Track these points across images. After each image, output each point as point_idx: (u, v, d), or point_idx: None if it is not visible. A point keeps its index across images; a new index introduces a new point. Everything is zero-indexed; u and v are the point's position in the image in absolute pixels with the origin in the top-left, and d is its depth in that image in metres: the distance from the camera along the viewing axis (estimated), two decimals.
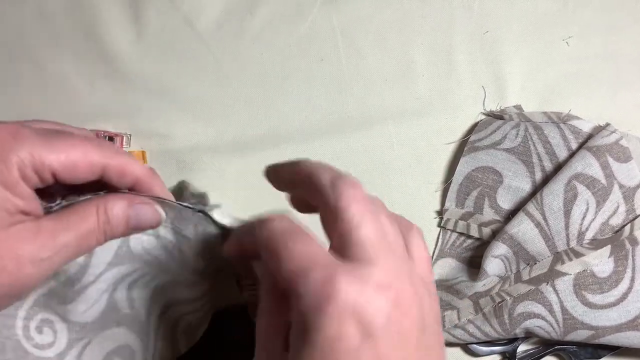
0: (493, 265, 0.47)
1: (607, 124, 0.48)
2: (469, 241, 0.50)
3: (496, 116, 0.51)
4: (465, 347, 0.49)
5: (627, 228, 0.46)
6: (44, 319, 0.33)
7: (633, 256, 0.46)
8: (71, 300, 0.33)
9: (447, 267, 0.51)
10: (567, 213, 0.46)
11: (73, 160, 0.29)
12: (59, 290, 0.33)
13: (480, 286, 0.48)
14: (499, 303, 0.47)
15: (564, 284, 0.46)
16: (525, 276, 0.47)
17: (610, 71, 0.52)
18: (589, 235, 0.47)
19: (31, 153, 0.28)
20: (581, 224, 0.46)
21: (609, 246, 0.46)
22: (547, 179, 0.48)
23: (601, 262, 0.46)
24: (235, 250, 0.32)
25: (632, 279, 0.46)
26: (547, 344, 0.49)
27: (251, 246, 0.29)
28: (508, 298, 0.47)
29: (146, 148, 0.52)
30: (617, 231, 0.47)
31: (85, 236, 0.30)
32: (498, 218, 0.50)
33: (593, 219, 0.46)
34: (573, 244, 0.47)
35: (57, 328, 0.34)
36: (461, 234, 0.50)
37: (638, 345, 0.46)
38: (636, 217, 0.47)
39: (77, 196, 0.31)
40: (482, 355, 0.49)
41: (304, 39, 0.53)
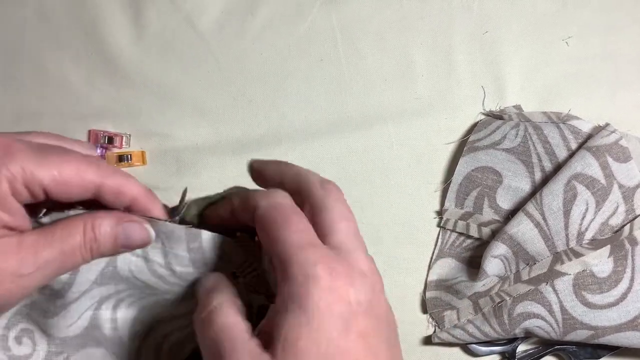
0: (492, 265, 0.47)
1: (607, 124, 0.48)
2: (469, 241, 0.50)
3: (496, 116, 0.51)
4: (464, 347, 0.49)
5: (627, 228, 0.46)
6: (25, 329, 0.33)
7: (632, 256, 0.46)
8: (53, 314, 0.32)
9: (447, 267, 0.50)
10: (567, 213, 0.46)
11: (65, 177, 0.28)
12: (42, 303, 0.33)
13: (479, 286, 0.48)
14: (499, 303, 0.47)
15: (564, 284, 0.46)
16: (524, 276, 0.47)
17: (609, 71, 0.52)
18: (589, 235, 0.47)
19: (23, 167, 0.27)
20: (581, 224, 0.46)
21: (609, 246, 0.46)
22: (547, 179, 0.48)
23: (601, 262, 0.46)
24: (226, 216, 0.32)
25: (632, 279, 0.46)
26: (547, 344, 0.49)
27: (243, 216, 0.30)
28: (507, 298, 0.47)
29: (146, 148, 0.52)
30: (617, 231, 0.47)
31: (69, 253, 0.29)
32: (497, 218, 0.50)
33: (592, 219, 0.46)
34: (572, 244, 0.47)
35: (37, 339, 0.33)
36: (461, 234, 0.50)
37: (637, 345, 0.46)
38: (636, 217, 0.47)
39: (65, 210, 0.30)
40: (482, 355, 0.49)
41: (304, 39, 0.53)
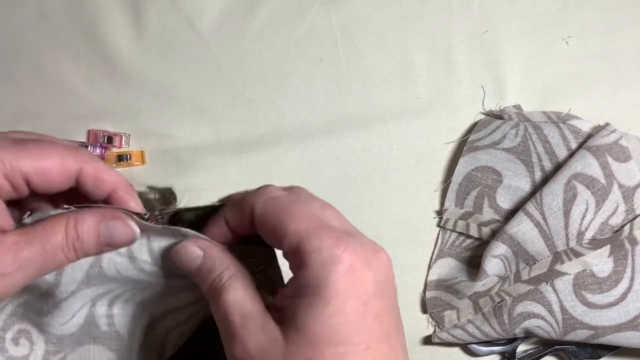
0: (492, 265, 0.47)
1: (607, 124, 0.48)
2: (469, 241, 0.50)
3: (495, 116, 0.51)
4: (464, 347, 0.49)
5: (627, 228, 0.46)
6: (21, 330, 0.33)
7: (632, 256, 0.46)
8: (47, 313, 0.32)
9: (447, 267, 0.50)
10: (567, 213, 0.46)
11: (46, 165, 0.28)
12: (35, 303, 0.33)
13: (479, 286, 0.48)
14: (499, 303, 0.47)
15: (564, 284, 0.46)
16: (524, 276, 0.47)
17: (609, 71, 0.52)
18: (589, 235, 0.47)
19: (1, 160, 0.27)
20: (581, 224, 0.46)
21: (609, 246, 0.46)
22: (547, 179, 0.48)
23: (601, 262, 0.46)
24: (218, 230, 0.31)
25: (632, 279, 0.46)
26: (547, 344, 0.49)
27: (242, 224, 0.29)
28: (507, 298, 0.47)
29: (146, 148, 0.52)
30: (617, 231, 0.47)
31: (51, 252, 0.28)
32: (497, 218, 0.49)
33: (592, 219, 0.46)
34: (572, 244, 0.47)
35: (34, 339, 0.33)
36: (461, 234, 0.50)
37: (637, 345, 0.46)
38: (636, 217, 0.46)
39: (49, 211, 0.30)
40: (482, 355, 0.49)
41: (304, 39, 0.53)
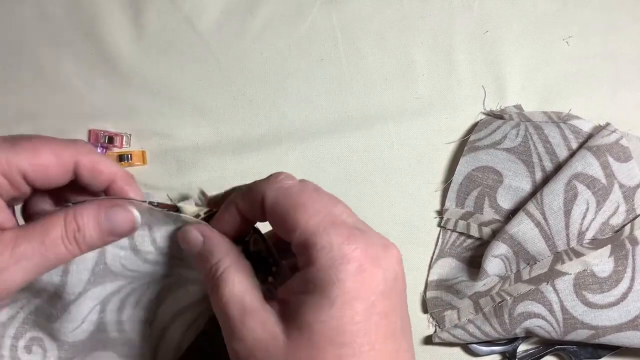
0: (493, 265, 0.47)
1: (607, 124, 0.48)
2: (469, 241, 0.50)
3: (496, 116, 0.51)
4: (465, 347, 0.49)
5: (627, 228, 0.46)
6: (34, 337, 0.33)
7: (633, 256, 0.46)
8: (57, 318, 0.32)
9: (447, 267, 0.50)
10: (567, 213, 0.46)
11: (43, 159, 0.28)
12: (45, 308, 0.32)
13: (480, 286, 0.48)
14: (499, 303, 0.47)
15: (564, 284, 0.46)
16: (525, 276, 0.47)
17: (610, 71, 0.52)
18: (589, 235, 0.47)
19: None
20: (581, 224, 0.46)
21: (609, 246, 0.46)
22: (547, 179, 0.48)
23: (601, 262, 0.46)
24: (230, 218, 0.31)
25: (632, 279, 0.46)
26: (547, 344, 0.49)
27: (252, 213, 0.29)
28: (508, 298, 0.47)
29: (146, 148, 0.52)
30: (617, 231, 0.47)
31: (50, 244, 0.28)
32: (498, 218, 0.49)
33: (593, 219, 0.46)
34: (573, 244, 0.47)
35: (47, 346, 0.33)
36: (461, 234, 0.50)
37: (638, 345, 0.46)
38: (636, 217, 0.47)
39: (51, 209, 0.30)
40: (482, 355, 0.49)
41: (304, 39, 0.53)
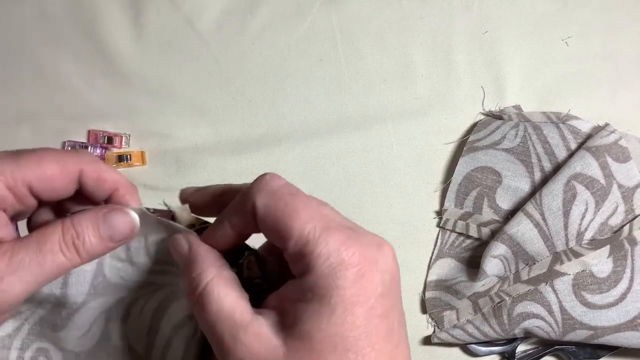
0: (492, 265, 0.47)
1: (606, 124, 0.48)
2: (468, 241, 0.50)
3: (495, 116, 0.51)
4: (464, 348, 0.49)
5: (626, 228, 0.46)
6: (40, 348, 0.33)
7: (632, 256, 0.46)
8: (62, 327, 0.32)
9: (446, 267, 0.50)
10: (566, 213, 0.46)
11: (47, 171, 0.28)
12: (49, 317, 0.32)
13: (479, 286, 0.48)
14: (498, 303, 0.47)
15: (563, 284, 0.46)
16: (524, 276, 0.47)
17: (609, 71, 0.52)
18: (588, 235, 0.47)
19: (2, 172, 0.27)
20: (580, 224, 0.46)
21: (608, 246, 0.46)
22: (546, 179, 0.48)
23: (600, 262, 0.46)
24: (223, 234, 0.29)
25: (631, 279, 0.46)
26: (546, 344, 0.49)
27: (247, 226, 0.28)
28: (507, 298, 0.47)
29: (146, 148, 0.52)
30: (616, 231, 0.47)
31: (48, 252, 0.27)
32: (497, 218, 0.49)
33: (592, 219, 0.46)
34: (572, 244, 0.47)
35: (53, 356, 0.33)
36: (460, 234, 0.50)
37: (637, 345, 0.46)
38: (635, 217, 0.47)
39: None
40: (481, 355, 0.49)
41: (304, 39, 0.53)
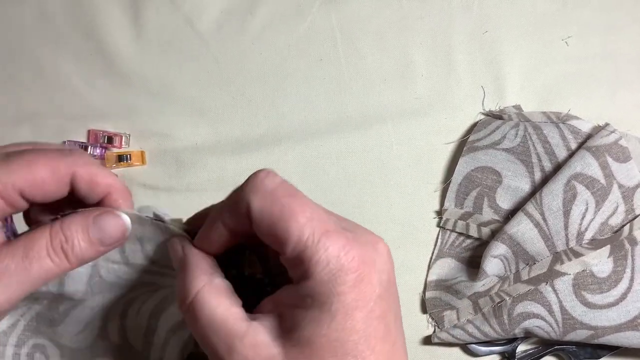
0: (492, 265, 0.47)
1: (607, 124, 0.48)
2: (468, 241, 0.50)
3: (495, 116, 0.51)
4: (464, 347, 0.49)
5: (627, 228, 0.46)
6: (36, 344, 0.33)
7: (632, 256, 0.46)
8: (59, 322, 0.32)
9: (446, 267, 0.50)
10: (567, 213, 0.46)
11: (37, 175, 0.27)
12: (46, 312, 0.32)
13: (479, 286, 0.48)
14: (498, 303, 0.47)
15: (563, 284, 0.46)
16: (524, 276, 0.47)
17: (609, 71, 0.52)
18: (588, 235, 0.47)
19: None
20: (580, 224, 0.46)
21: (608, 246, 0.46)
22: (547, 179, 0.48)
23: (600, 262, 0.46)
24: (217, 237, 0.29)
25: (632, 279, 0.45)
26: (547, 344, 0.49)
27: (242, 227, 0.28)
28: (507, 298, 0.47)
29: (146, 148, 0.52)
30: (617, 231, 0.47)
31: (35, 259, 0.27)
32: (497, 218, 0.49)
33: (592, 219, 0.46)
34: (572, 244, 0.47)
35: (49, 353, 0.33)
36: (460, 234, 0.50)
37: (637, 345, 0.46)
38: (635, 217, 0.46)
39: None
40: (482, 355, 0.49)
41: (304, 39, 0.53)
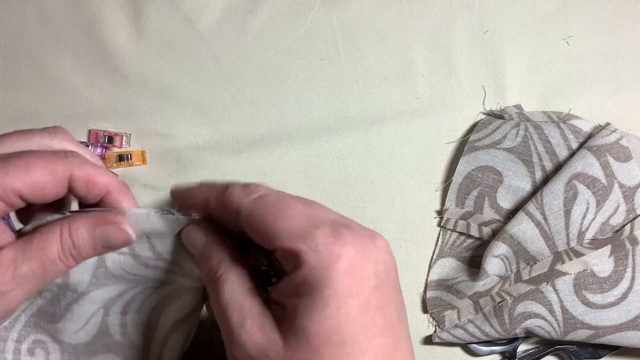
0: (493, 264, 0.47)
1: (607, 124, 0.48)
2: (469, 241, 0.50)
3: (496, 116, 0.51)
4: (465, 347, 0.49)
5: (627, 228, 0.46)
6: (37, 340, 0.33)
7: (633, 256, 0.46)
8: (60, 317, 0.32)
9: (447, 267, 0.50)
10: (567, 213, 0.46)
11: (36, 179, 0.28)
12: (47, 307, 0.32)
13: (480, 286, 0.48)
14: (499, 303, 0.47)
15: (564, 284, 0.46)
16: (525, 276, 0.47)
17: (610, 70, 0.52)
18: (589, 234, 0.47)
19: None
20: (581, 224, 0.46)
21: (609, 246, 0.46)
22: (547, 179, 0.48)
23: (601, 262, 0.46)
24: (195, 205, 0.30)
25: (632, 279, 0.46)
26: (547, 344, 0.49)
27: (224, 215, 0.28)
28: (508, 298, 0.47)
29: (146, 147, 0.52)
30: (617, 231, 0.47)
31: (49, 264, 0.28)
32: (498, 217, 0.49)
33: (593, 219, 0.46)
34: (573, 244, 0.47)
35: (50, 349, 0.33)
36: (461, 234, 0.50)
37: (638, 345, 0.46)
38: (636, 217, 0.46)
39: (46, 216, 0.30)
40: (482, 355, 0.49)
41: (304, 39, 0.53)
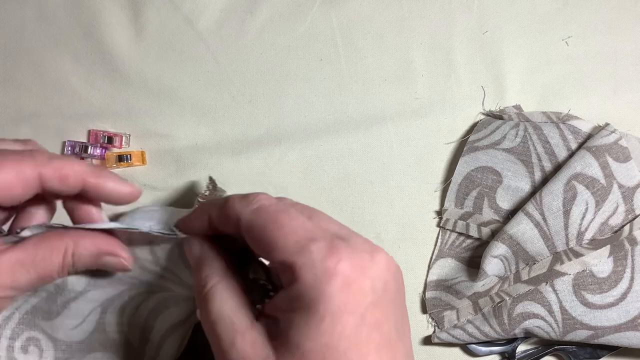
0: (492, 265, 0.47)
1: (607, 124, 0.48)
2: (468, 241, 0.50)
3: (495, 116, 0.51)
4: (464, 348, 0.49)
5: (627, 228, 0.46)
6: (30, 337, 0.33)
7: (632, 256, 0.46)
8: (57, 314, 0.32)
9: (447, 267, 0.50)
10: (567, 213, 0.46)
11: (2, 179, 0.27)
12: (43, 305, 0.33)
13: (479, 286, 0.48)
14: (498, 303, 0.47)
15: (563, 284, 0.46)
16: (524, 276, 0.47)
17: (609, 71, 0.52)
18: (588, 235, 0.47)
19: None
20: (580, 224, 0.46)
21: (608, 246, 0.46)
22: (547, 179, 0.48)
23: (600, 262, 0.46)
24: (199, 225, 0.30)
25: (632, 279, 0.46)
26: (547, 344, 0.49)
27: (225, 228, 0.29)
28: (507, 298, 0.47)
29: (146, 148, 0.52)
30: (617, 231, 0.47)
31: (47, 276, 0.29)
32: (497, 218, 0.50)
33: (592, 219, 0.46)
34: (572, 244, 0.47)
35: (44, 346, 0.33)
36: (460, 234, 0.50)
37: (637, 345, 0.46)
38: (635, 217, 0.47)
39: (44, 224, 0.30)
40: (481, 355, 0.49)
41: (304, 39, 0.53)
